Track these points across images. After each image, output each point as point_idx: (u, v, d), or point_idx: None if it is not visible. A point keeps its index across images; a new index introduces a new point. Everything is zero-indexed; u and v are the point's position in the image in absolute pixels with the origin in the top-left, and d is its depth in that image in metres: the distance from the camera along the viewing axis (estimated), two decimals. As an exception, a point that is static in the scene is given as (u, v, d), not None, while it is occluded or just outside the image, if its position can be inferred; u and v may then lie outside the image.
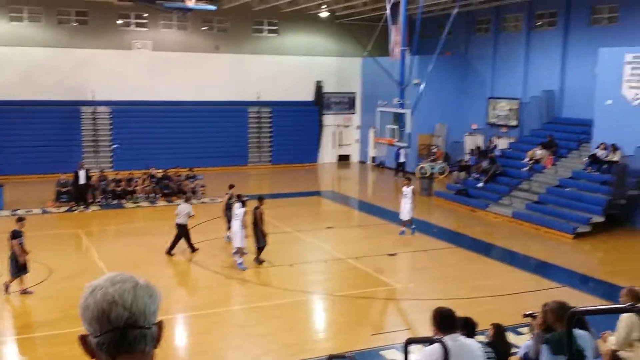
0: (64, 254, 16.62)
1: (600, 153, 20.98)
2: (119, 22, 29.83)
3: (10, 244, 12.92)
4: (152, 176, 24.20)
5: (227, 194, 17.48)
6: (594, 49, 22.42)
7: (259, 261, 15.63)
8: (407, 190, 18.56)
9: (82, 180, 22.12)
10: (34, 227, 19.04)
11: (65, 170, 23.60)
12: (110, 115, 29.44)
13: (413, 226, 18.91)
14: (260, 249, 15.66)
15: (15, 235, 12.96)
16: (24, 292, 13.18)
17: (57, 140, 28.16)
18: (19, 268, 12.94)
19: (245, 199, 15.96)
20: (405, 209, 18.54)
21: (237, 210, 15.46)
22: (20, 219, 13.40)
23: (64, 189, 22.94)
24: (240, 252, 15.41)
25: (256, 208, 15.55)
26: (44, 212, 21.70)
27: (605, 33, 23.84)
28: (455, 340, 5.12)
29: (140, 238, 18.49)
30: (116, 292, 1.75)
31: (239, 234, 15.23)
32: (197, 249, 16.59)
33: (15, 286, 13.19)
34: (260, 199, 15.95)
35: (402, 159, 29.84)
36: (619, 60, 20.49)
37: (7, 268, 13.10)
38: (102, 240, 19.03)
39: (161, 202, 23.46)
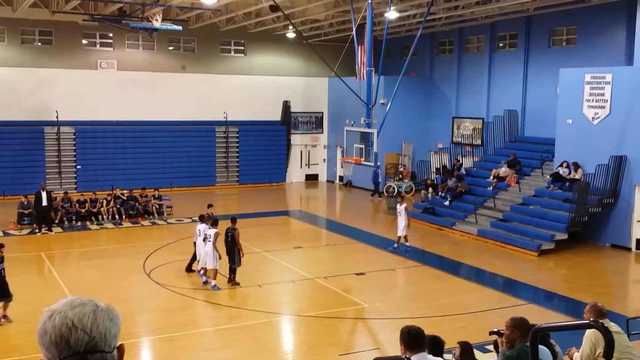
0: (25, 277, 16.22)
1: (562, 171, 21.42)
2: (84, 41, 29.56)
3: None
4: (117, 197, 23.87)
5: (206, 213, 17.39)
6: (554, 70, 23.03)
7: (235, 283, 15.51)
8: (400, 208, 19.20)
9: (44, 202, 21.69)
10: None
11: (28, 192, 23.13)
12: (75, 136, 29.03)
13: (407, 246, 19.21)
14: (234, 270, 15.56)
15: None
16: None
17: (19, 161, 27.62)
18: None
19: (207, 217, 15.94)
20: (400, 226, 19.16)
21: (208, 231, 15.36)
22: None
23: (26, 211, 22.48)
24: (214, 274, 15.25)
25: (233, 229, 15.50)
26: (5, 234, 21.20)
27: (564, 54, 24.51)
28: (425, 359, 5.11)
29: (104, 260, 18.16)
30: (75, 316, 1.72)
31: (212, 255, 15.11)
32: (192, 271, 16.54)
33: None
34: (233, 219, 15.91)
35: (379, 179, 29.58)
36: (579, 81, 21.03)
37: None
38: (65, 263, 18.65)
39: (126, 224, 23.14)
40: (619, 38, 22.63)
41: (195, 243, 16.35)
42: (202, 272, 15.75)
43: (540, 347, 5.75)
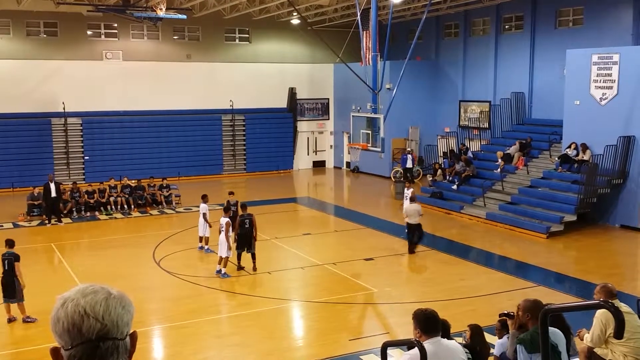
0: (36, 268, 16.35)
1: (570, 153, 21.32)
2: (89, 32, 29.54)
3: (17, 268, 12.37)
4: (125, 186, 23.96)
5: (228, 200, 17.76)
6: (561, 51, 22.84)
7: (254, 269, 15.68)
8: (407, 192, 19.15)
9: (53, 193, 21.80)
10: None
11: (37, 184, 23.25)
12: (82, 127, 29.11)
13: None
14: (254, 255, 15.70)
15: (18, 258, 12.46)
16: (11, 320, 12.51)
17: (27, 153, 27.72)
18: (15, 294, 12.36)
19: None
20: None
21: (221, 220, 15.46)
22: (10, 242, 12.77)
23: (35, 203, 22.61)
24: (225, 262, 15.36)
25: (250, 215, 15.69)
26: (16, 226, 21.36)
27: (571, 35, 24.30)
28: (439, 344, 4.98)
29: (114, 250, 18.27)
30: (87, 303, 1.73)
31: (224, 244, 15.21)
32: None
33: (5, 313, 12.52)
34: (244, 206, 16.13)
35: (409, 164, 28.96)
36: (586, 61, 20.87)
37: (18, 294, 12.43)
38: (75, 254, 18.77)
39: (135, 213, 23.25)
40: (626, 18, 22.41)
41: (409, 224, 17.21)
42: (201, 245, 17.29)
43: (553, 329, 5.76)
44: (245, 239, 15.61)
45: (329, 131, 35.05)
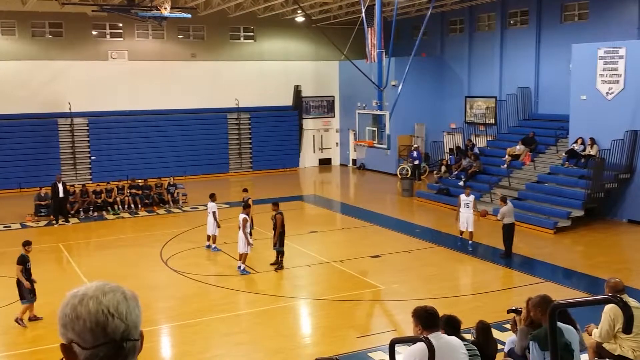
0: (44, 268, 16.39)
1: (577, 148, 21.24)
2: (94, 32, 29.60)
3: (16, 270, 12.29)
4: (132, 186, 24.01)
5: (248, 197, 18.02)
6: (567, 46, 22.75)
7: (281, 267, 15.76)
8: (468, 199, 17.84)
9: (60, 193, 21.87)
10: (14, 242, 18.81)
11: (44, 184, 23.33)
12: (88, 127, 29.18)
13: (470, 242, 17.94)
14: (280, 253, 15.83)
15: (20, 261, 12.33)
16: (34, 318, 12.52)
17: (34, 154, 27.80)
18: (23, 295, 12.32)
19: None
20: (469, 220, 17.75)
21: (240, 216, 15.55)
22: (26, 243, 12.70)
23: (43, 203, 22.69)
24: (244, 257, 15.50)
25: (277, 212, 15.84)
26: (23, 226, 21.44)
27: (577, 30, 24.20)
28: (439, 339, 5.10)
29: (121, 249, 18.32)
30: (109, 302, 1.70)
31: (242, 239, 15.32)
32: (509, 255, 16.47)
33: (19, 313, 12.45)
34: (275, 204, 16.36)
35: (418, 161, 28.67)
36: (592, 56, 20.77)
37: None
38: (83, 253, 18.84)
39: (142, 213, 23.30)
40: (632, 11, 22.29)
41: (506, 225, 16.63)
42: (209, 243, 17.43)
43: (568, 326, 5.74)
44: (276, 236, 15.84)
45: (334, 129, 35.02)
